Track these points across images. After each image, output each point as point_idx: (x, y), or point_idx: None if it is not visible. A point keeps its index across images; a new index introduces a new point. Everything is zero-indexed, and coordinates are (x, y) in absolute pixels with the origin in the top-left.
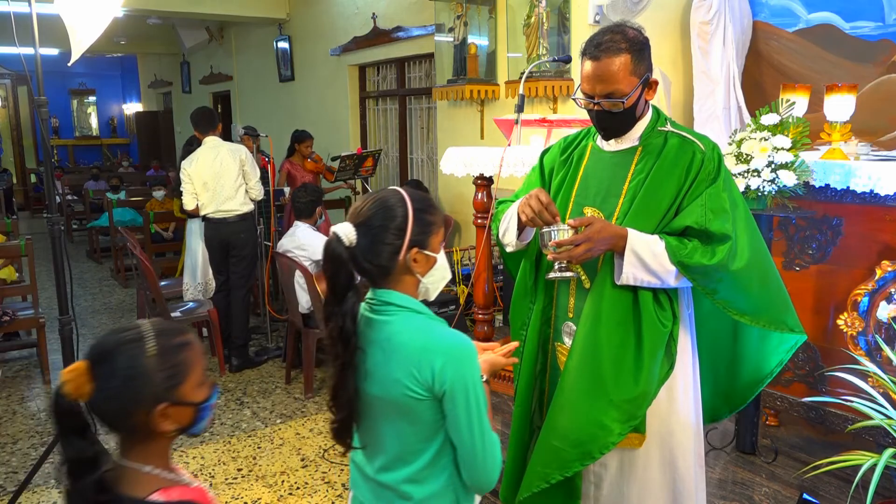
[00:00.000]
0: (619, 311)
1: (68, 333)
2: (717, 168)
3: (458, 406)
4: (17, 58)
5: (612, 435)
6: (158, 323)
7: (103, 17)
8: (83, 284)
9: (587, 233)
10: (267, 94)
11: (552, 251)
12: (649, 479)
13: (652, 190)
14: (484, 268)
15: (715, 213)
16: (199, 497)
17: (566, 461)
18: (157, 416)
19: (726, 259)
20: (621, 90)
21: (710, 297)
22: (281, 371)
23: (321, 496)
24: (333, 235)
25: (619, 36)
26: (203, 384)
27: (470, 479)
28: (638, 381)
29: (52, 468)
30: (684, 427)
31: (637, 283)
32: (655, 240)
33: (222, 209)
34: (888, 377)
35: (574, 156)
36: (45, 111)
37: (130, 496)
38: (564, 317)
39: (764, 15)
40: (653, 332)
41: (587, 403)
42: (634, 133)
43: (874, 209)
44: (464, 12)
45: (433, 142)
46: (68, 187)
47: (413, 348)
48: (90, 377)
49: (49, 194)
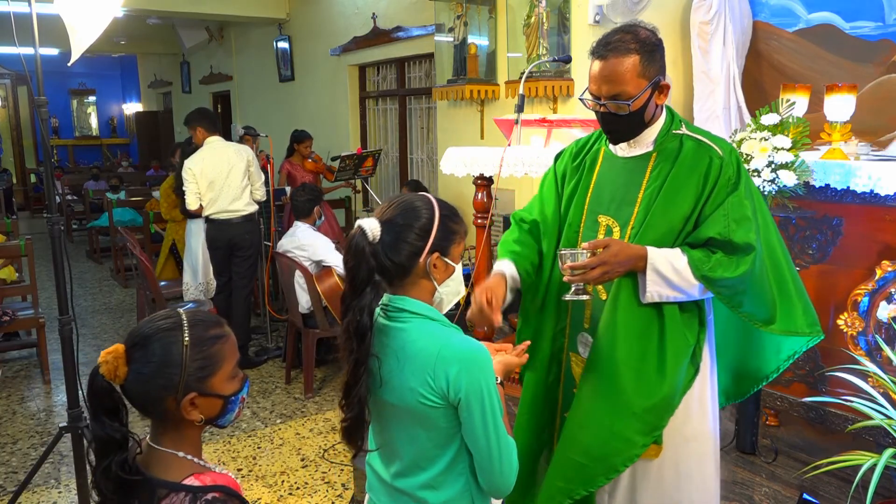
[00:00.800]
0: (639, 322)
1: (68, 333)
2: (736, 173)
3: (473, 413)
4: (17, 58)
5: (636, 447)
6: (196, 313)
7: (103, 17)
8: (83, 284)
9: (603, 256)
10: (267, 94)
11: (568, 274)
12: (663, 488)
13: (669, 198)
14: (484, 268)
15: (738, 222)
16: (230, 483)
17: (591, 476)
18: (185, 405)
19: (750, 270)
20: (628, 92)
21: (736, 309)
22: (281, 371)
23: (321, 496)
24: (358, 229)
25: (630, 36)
26: (234, 378)
27: (487, 485)
28: (660, 391)
29: (52, 468)
30: (699, 435)
31: (663, 299)
32: (677, 254)
33: (229, 209)
34: (888, 377)
35: (587, 161)
36: (45, 111)
37: (163, 479)
38: (580, 327)
39: (764, 15)
40: (676, 344)
41: (609, 417)
42: (648, 137)
43: (874, 209)
44: (464, 12)
45: (433, 142)
46: (68, 187)
47: (428, 356)
48: (126, 360)
49: (49, 194)
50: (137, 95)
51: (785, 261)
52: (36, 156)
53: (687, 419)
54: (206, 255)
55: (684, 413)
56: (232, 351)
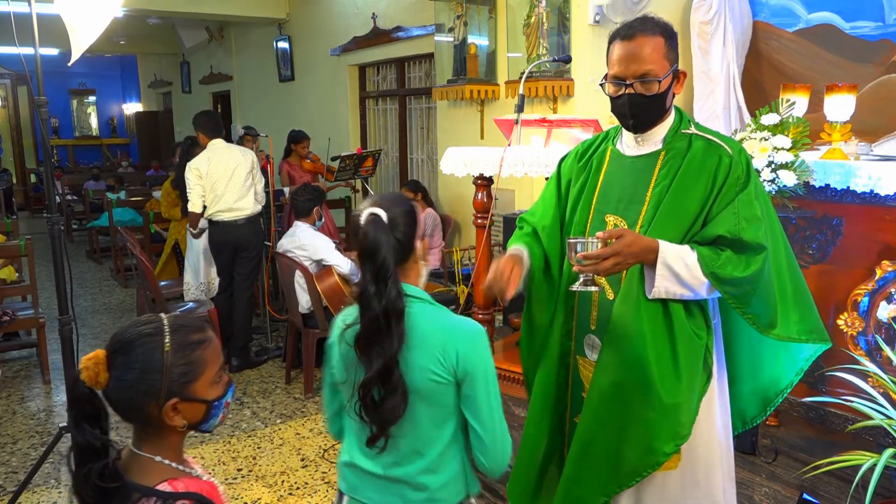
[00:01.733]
0: (649, 324)
1: (68, 333)
2: (745, 173)
3: (478, 387)
4: (17, 58)
5: (659, 455)
6: (178, 318)
7: (103, 17)
8: (83, 284)
9: (616, 246)
10: (267, 94)
11: (578, 263)
12: (668, 493)
13: (678, 196)
14: (484, 268)
15: (748, 221)
16: (207, 490)
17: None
18: (167, 411)
19: (761, 270)
20: (655, 71)
21: (741, 310)
22: (281, 371)
23: (321, 496)
24: (371, 217)
25: (651, 21)
26: (217, 383)
27: (488, 460)
28: (678, 395)
29: (52, 468)
30: (708, 442)
31: (669, 296)
32: (687, 250)
33: (234, 207)
34: (888, 377)
35: (593, 161)
36: (45, 111)
37: (138, 483)
38: (586, 329)
39: (764, 15)
40: (688, 345)
41: (627, 423)
42: (657, 135)
43: (874, 209)
44: (464, 12)
45: (433, 142)
46: (68, 187)
47: (437, 335)
48: (107, 366)
49: (49, 194)
50: (137, 95)
51: (787, 265)
52: (36, 156)
53: (696, 426)
54: (207, 255)
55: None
56: (215, 355)
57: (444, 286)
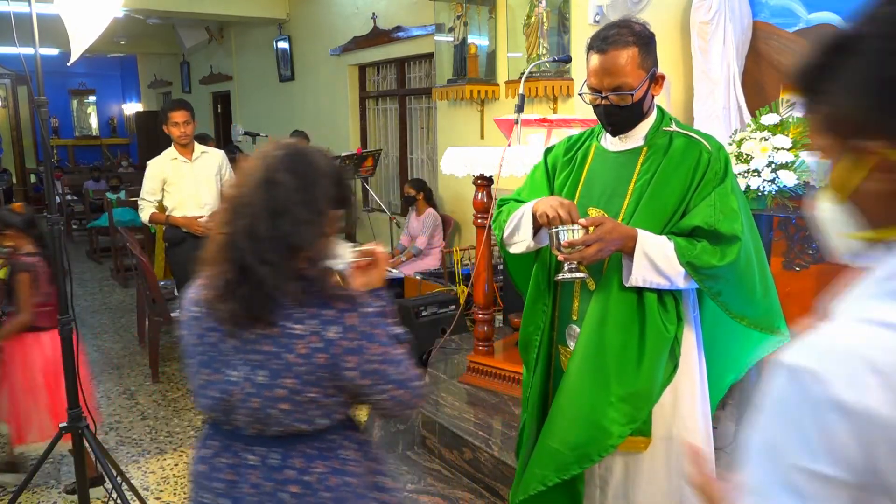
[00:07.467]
0: (623, 312)
1: (68, 333)
2: (724, 169)
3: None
4: (17, 58)
5: (612, 437)
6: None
7: (103, 17)
8: (83, 284)
9: (598, 232)
10: (267, 94)
11: (563, 252)
12: (655, 483)
13: (658, 190)
14: (484, 268)
15: (725, 213)
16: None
17: (564, 463)
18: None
19: (736, 260)
20: (629, 83)
21: (714, 298)
22: None
23: None
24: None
25: (626, 30)
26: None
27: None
28: (638, 380)
29: (52, 468)
30: (690, 430)
31: (646, 284)
32: (664, 240)
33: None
34: None
35: (578, 156)
36: (44, 111)
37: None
38: (568, 320)
39: (764, 15)
40: (656, 336)
41: (587, 405)
42: (639, 133)
43: None
44: (464, 12)
45: (433, 142)
46: (68, 187)
47: None
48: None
49: (49, 194)
50: (137, 95)
51: (758, 261)
52: (36, 156)
53: (676, 415)
54: None
55: (672, 409)
56: None
57: (444, 286)
